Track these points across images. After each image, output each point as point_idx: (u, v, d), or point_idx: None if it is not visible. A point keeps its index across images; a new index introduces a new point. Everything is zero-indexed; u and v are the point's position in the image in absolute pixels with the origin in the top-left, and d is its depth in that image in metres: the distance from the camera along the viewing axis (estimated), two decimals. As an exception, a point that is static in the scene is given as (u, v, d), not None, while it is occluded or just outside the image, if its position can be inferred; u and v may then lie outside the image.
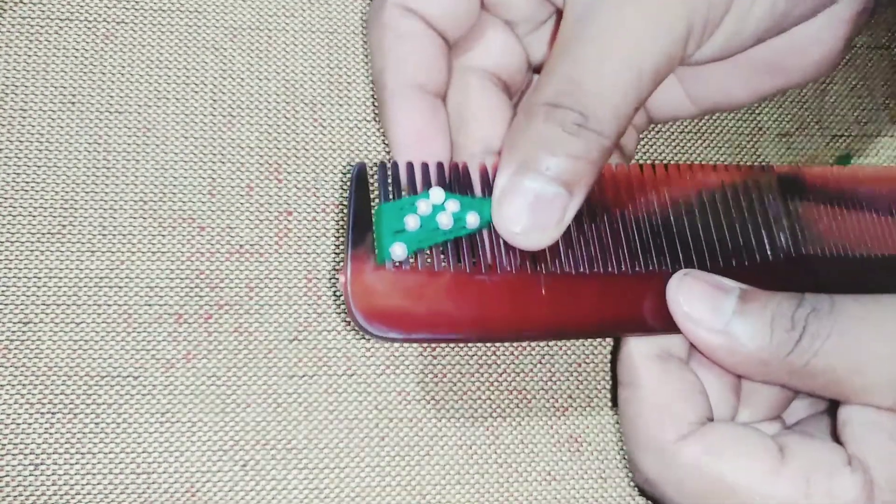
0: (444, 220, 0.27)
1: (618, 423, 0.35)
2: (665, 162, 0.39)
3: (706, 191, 0.30)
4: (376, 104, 0.37)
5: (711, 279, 0.28)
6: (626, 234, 0.29)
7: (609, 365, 0.36)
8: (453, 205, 0.28)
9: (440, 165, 0.29)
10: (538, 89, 0.27)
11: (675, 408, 0.27)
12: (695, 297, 0.28)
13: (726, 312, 0.27)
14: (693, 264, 0.29)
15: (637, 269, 0.28)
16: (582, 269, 0.28)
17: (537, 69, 0.34)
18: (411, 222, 0.27)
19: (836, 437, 0.28)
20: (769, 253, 0.30)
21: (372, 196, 0.28)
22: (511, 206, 0.26)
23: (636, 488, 0.34)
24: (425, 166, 0.29)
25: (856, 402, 0.27)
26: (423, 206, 0.28)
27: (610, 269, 0.28)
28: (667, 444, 0.27)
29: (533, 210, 0.26)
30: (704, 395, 0.28)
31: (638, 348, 0.28)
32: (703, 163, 0.35)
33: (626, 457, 0.30)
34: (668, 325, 0.28)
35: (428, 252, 0.27)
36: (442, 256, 0.27)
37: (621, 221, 0.29)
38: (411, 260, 0.27)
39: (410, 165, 0.29)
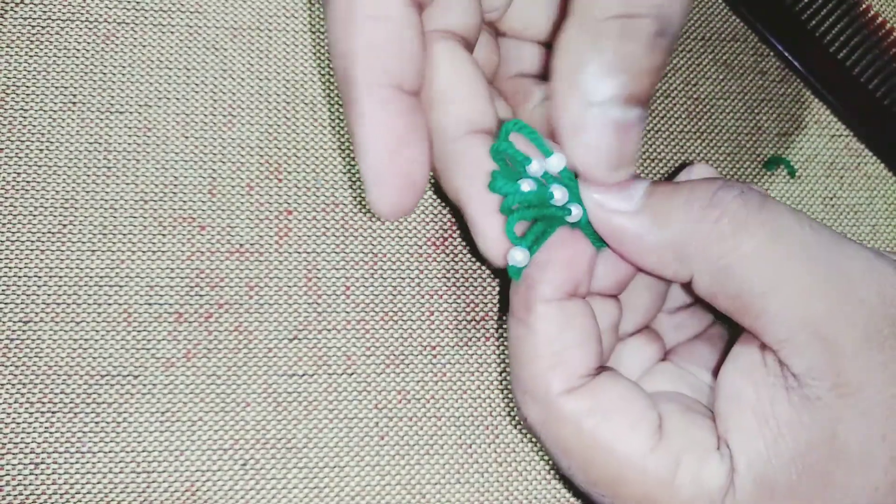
0: (559, 195, 0.26)
1: (505, 355, 0.34)
2: (664, 160, 0.39)
3: None
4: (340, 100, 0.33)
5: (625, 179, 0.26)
6: None
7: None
8: (560, 192, 0.26)
9: None
10: (593, 2, 0.23)
11: (568, 357, 0.26)
12: (606, 188, 0.26)
13: (637, 196, 0.25)
14: None
15: None
16: None
17: (489, 23, 0.32)
18: (525, 185, 0.25)
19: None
20: None
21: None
22: (590, 143, 0.24)
23: (518, 425, 0.34)
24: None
25: (748, 325, 0.25)
26: (536, 167, 0.26)
27: None
28: (553, 396, 0.25)
29: (618, 141, 0.24)
30: (599, 342, 0.27)
31: (540, 290, 0.26)
32: None
33: (510, 393, 0.29)
34: None
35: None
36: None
37: None
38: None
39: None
